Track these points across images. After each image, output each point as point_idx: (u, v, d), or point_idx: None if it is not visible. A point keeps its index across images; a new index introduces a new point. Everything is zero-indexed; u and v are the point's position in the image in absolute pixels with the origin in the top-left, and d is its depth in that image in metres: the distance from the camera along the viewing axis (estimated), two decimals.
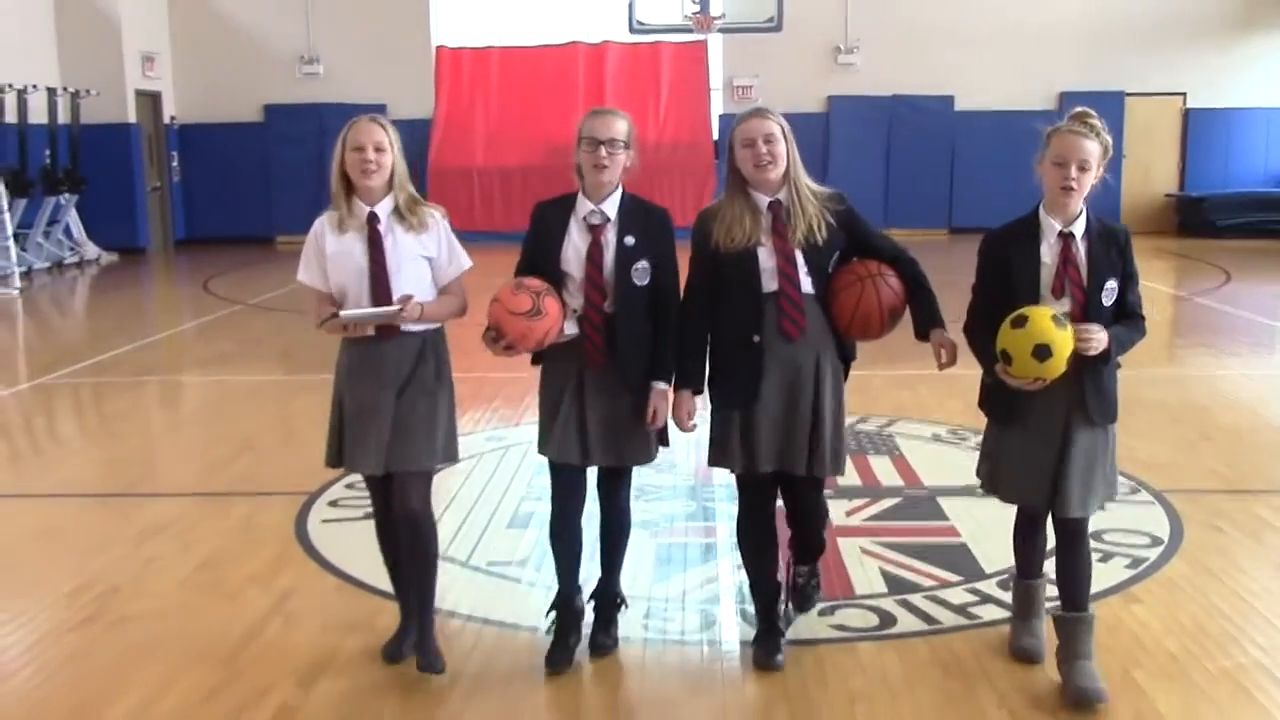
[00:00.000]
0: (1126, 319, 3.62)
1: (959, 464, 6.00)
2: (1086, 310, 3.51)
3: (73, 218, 17.32)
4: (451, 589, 4.47)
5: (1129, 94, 18.98)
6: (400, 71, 19.78)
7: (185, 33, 19.75)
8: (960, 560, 4.80)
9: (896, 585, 4.50)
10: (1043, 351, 3.37)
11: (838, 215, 3.75)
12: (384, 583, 4.18)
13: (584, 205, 3.79)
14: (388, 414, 3.74)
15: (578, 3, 20.04)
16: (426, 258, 3.81)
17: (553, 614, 3.97)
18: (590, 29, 19.90)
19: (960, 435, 6.63)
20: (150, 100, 19.21)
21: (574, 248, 3.76)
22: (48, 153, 16.72)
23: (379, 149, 3.74)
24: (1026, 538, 3.88)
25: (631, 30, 16.70)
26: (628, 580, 4.21)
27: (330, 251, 3.78)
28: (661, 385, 3.81)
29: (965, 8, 19.16)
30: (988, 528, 5.06)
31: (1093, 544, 3.91)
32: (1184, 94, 19.43)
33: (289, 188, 19.76)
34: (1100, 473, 3.63)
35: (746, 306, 3.71)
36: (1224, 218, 18.48)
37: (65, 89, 17.28)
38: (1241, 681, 3.73)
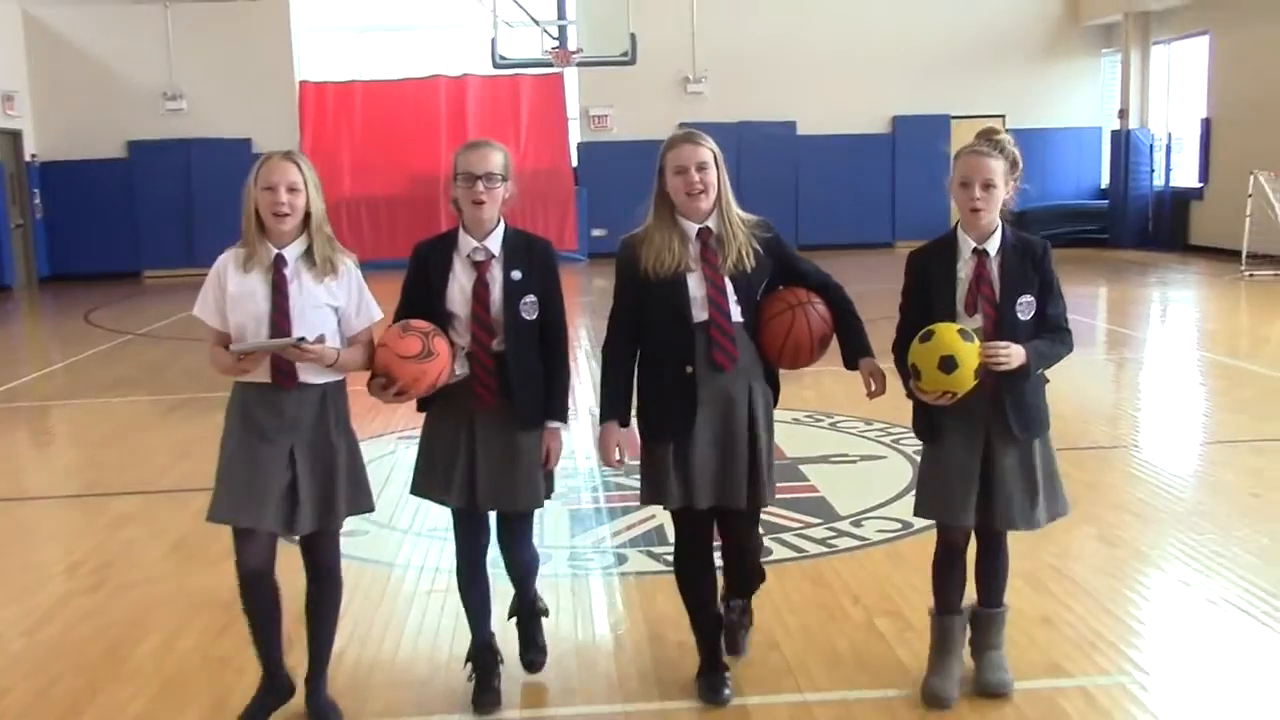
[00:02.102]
0: (1049, 332, 3.61)
1: (816, 439, 7.12)
2: (999, 326, 3.52)
3: None
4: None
5: (954, 116, 20.57)
6: (264, 105, 20.22)
7: (44, 70, 19.88)
8: (819, 508, 5.82)
9: (771, 528, 5.45)
10: (948, 363, 3.39)
11: (765, 243, 3.70)
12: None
13: (467, 242, 3.70)
14: (279, 468, 3.57)
15: (442, 40, 20.86)
16: (333, 306, 3.65)
17: (469, 664, 3.89)
18: (454, 65, 20.72)
19: (816, 418, 7.70)
20: (11, 138, 19.30)
21: (459, 286, 3.68)
22: None
23: (292, 189, 3.57)
24: (946, 569, 3.78)
25: (495, 65, 17.51)
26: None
27: (231, 290, 3.61)
28: (554, 424, 3.76)
29: (803, 39, 20.48)
30: (839, 485, 6.18)
31: None
32: (1004, 115, 21.05)
33: (155, 223, 20.07)
34: (1037, 487, 3.63)
35: (677, 336, 3.63)
36: (1043, 229, 20.11)
37: None
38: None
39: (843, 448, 7.04)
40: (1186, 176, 19.49)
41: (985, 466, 3.60)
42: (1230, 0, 17.54)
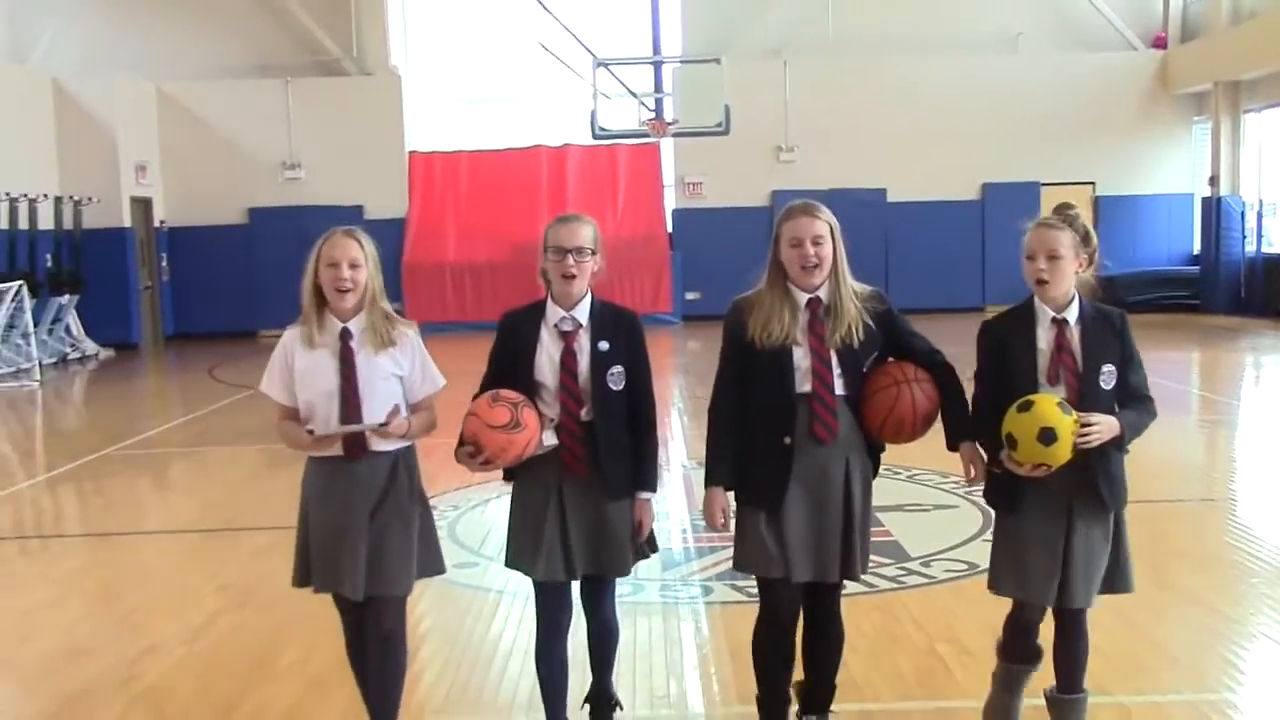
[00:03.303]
0: (1134, 402, 3.58)
1: (893, 489, 7.58)
2: (1082, 395, 3.49)
3: (73, 316, 18.57)
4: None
5: (1043, 184, 20.86)
6: (376, 175, 21.33)
7: (174, 142, 21.19)
8: (892, 550, 6.27)
9: None
10: (1048, 435, 3.34)
11: (877, 316, 3.67)
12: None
13: (555, 312, 3.73)
14: (361, 537, 3.66)
15: (545, 111, 21.83)
16: (398, 376, 3.74)
17: None
18: (555, 135, 21.66)
19: (895, 471, 8.13)
20: (142, 206, 20.59)
21: (547, 356, 3.69)
22: (49, 256, 18.02)
23: (354, 265, 3.67)
24: (1020, 637, 3.75)
25: (594, 136, 18.33)
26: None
27: (299, 368, 3.69)
28: (645, 495, 3.76)
29: (894, 109, 21.02)
30: (912, 531, 6.63)
31: None
32: (1093, 183, 21.36)
33: (271, 285, 21.09)
34: (1110, 561, 3.59)
35: (778, 406, 3.61)
36: (1133, 294, 20.23)
37: (70, 198, 18.64)
38: None
39: (918, 498, 7.49)
40: (1279, 243, 19.54)
41: (1065, 541, 3.52)
42: None
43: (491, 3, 21.40)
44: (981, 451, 3.64)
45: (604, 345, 3.70)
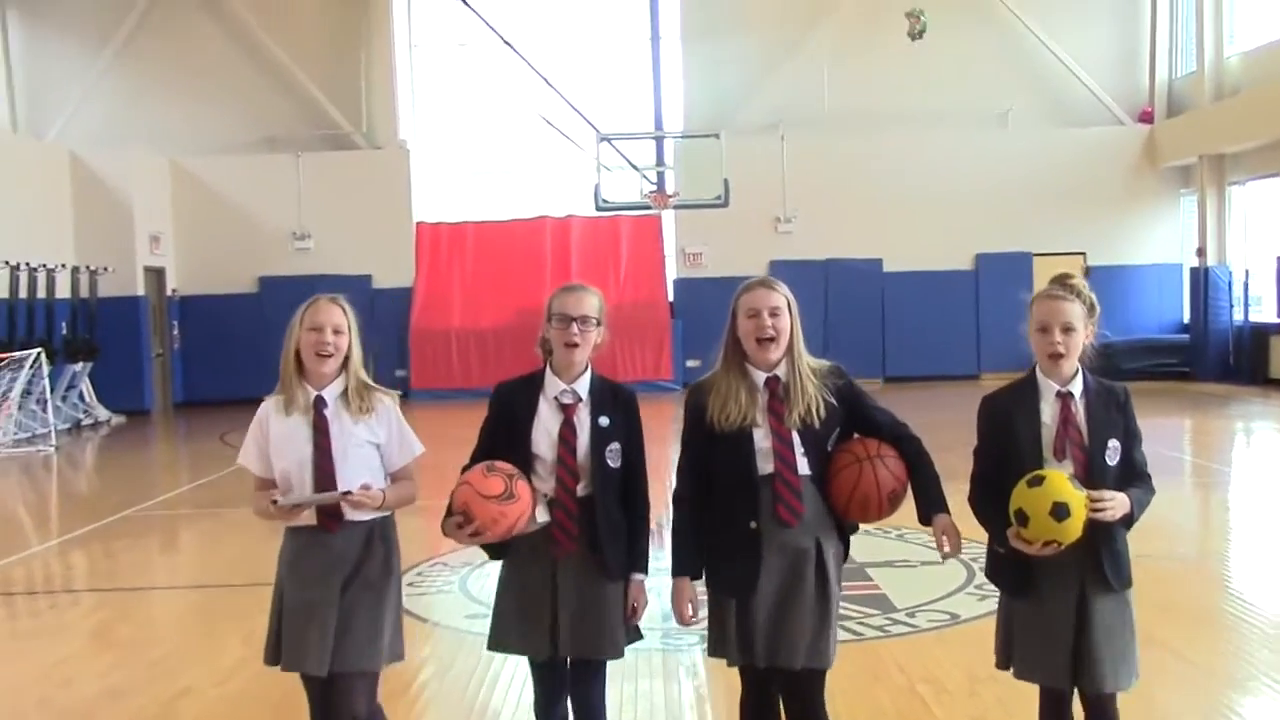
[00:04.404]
0: (1137, 479, 3.53)
1: (882, 546, 7.93)
2: (1089, 471, 3.43)
3: (86, 383, 18.98)
4: None
5: (1035, 254, 21.35)
6: (384, 245, 21.84)
7: (187, 213, 21.70)
8: (879, 602, 6.64)
9: None
10: (1061, 511, 3.27)
11: (838, 391, 3.62)
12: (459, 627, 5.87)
13: (554, 384, 3.68)
14: (331, 610, 3.59)
15: (550, 185, 22.44)
16: (375, 444, 3.70)
17: None
18: (559, 206, 22.25)
19: (885, 530, 8.46)
20: (155, 275, 21.09)
21: (544, 429, 3.64)
22: (65, 324, 18.49)
23: (337, 331, 3.67)
24: (1055, 718, 3.61)
25: (597, 208, 18.87)
26: None
27: (274, 436, 3.67)
28: (639, 577, 3.71)
29: (889, 182, 21.54)
30: (899, 584, 6.99)
31: None
32: (1084, 253, 21.82)
33: (280, 353, 21.53)
34: (1126, 643, 3.50)
35: (741, 490, 3.54)
36: (1125, 362, 20.60)
37: (87, 267, 19.15)
38: None
39: (905, 554, 7.85)
40: (1267, 312, 19.98)
41: (1081, 622, 3.45)
42: None
43: (498, 78, 22.06)
44: (964, 529, 3.54)
45: (604, 421, 3.67)
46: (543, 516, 3.58)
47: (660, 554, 3.74)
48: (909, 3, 19.19)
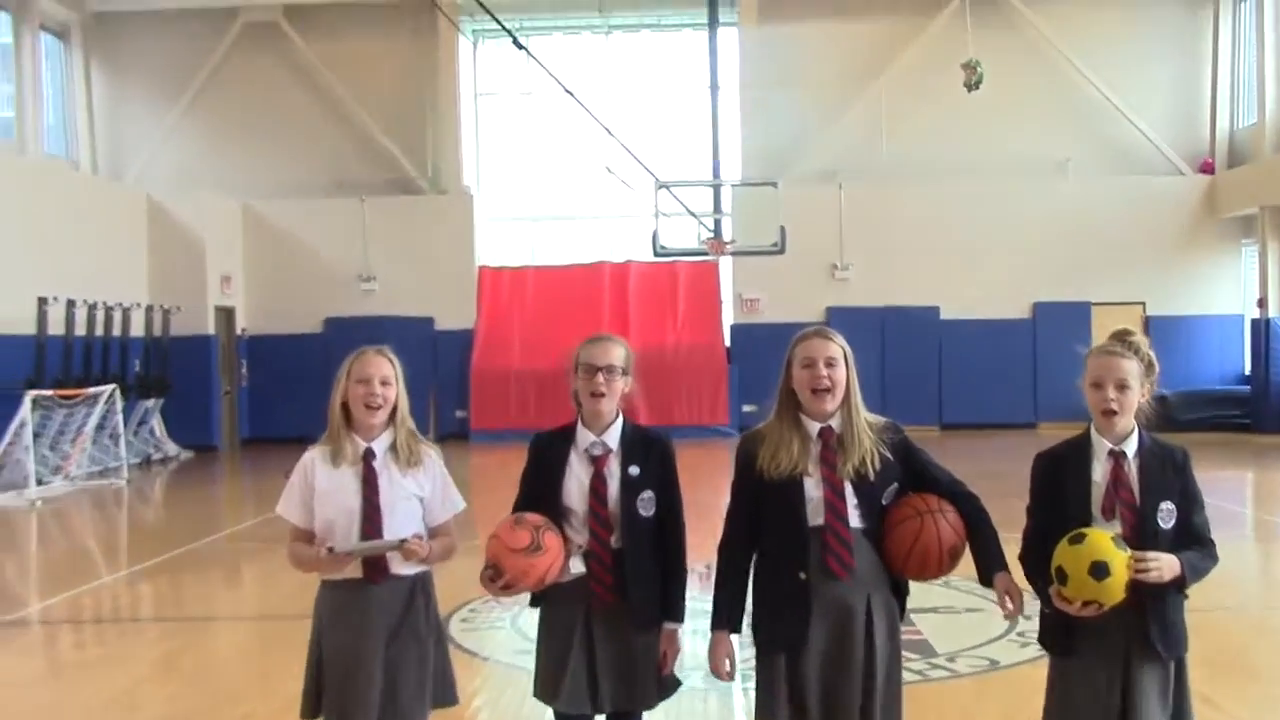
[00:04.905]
0: (1195, 545, 3.40)
1: (928, 593, 7.92)
2: (1139, 533, 3.34)
3: (157, 419, 19.53)
4: None
5: (1094, 303, 21.32)
6: (447, 287, 22.27)
7: (257, 255, 22.28)
8: (921, 647, 6.75)
9: None
10: (1100, 570, 3.19)
11: (894, 446, 3.57)
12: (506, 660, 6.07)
13: (585, 436, 3.69)
14: (377, 663, 3.60)
15: (609, 231, 22.82)
16: (419, 497, 3.72)
17: None
18: (618, 252, 22.61)
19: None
20: (225, 314, 21.66)
21: (576, 481, 3.65)
22: (138, 361, 19.08)
23: (385, 382, 3.66)
24: None
25: (656, 254, 19.11)
26: None
27: (321, 487, 3.67)
28: (672, 626, 3.67)
29: (947, 230, 21.65)
30: (941, 630, 7.10)
31: None
32: (1143, 303, 21.75)
33: None
34: (1180, 713, 3.39)
35: (791, 540, 3.48)
36: (1185, 413, 20.45)
37: (160, 306, 19.76)
38: None
39: (950, 601, 7.94)
40: None
41: (1124, 690, 3.34)
42: None
43: (560, 126, 22.50)
44: (1023, 586, 3.48)
45: (634, 470, 3.65)
46: (577, 568, 3.59)
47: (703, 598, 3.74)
48: (965, 54, 19.35)
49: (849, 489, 3.49)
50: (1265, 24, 20.19)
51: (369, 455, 3.67)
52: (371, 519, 3.63)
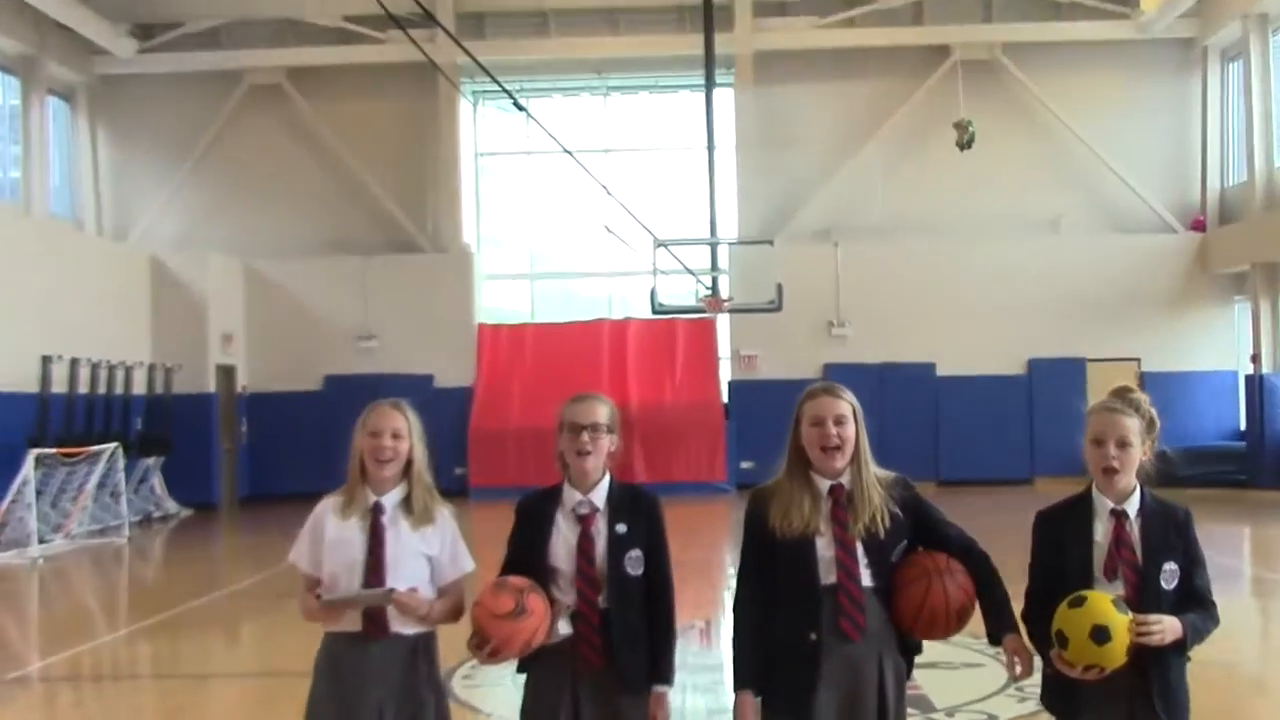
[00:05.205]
0: (1197, 606, 3.35)
1: (927, 648, 8.05)
2: (1141, 594, 3.30)
3: (157, 477, 19.60)
4: None
5: (1089, 359, 21.48)
6: (446, 345, 22.39)
7: (258, 313, 22.39)
8: (919, 703, 6.79)
9: None
10: (1101, 634, 3.16)
11: (903, 502, 3.55)
12: None
13: (571, 495, 3.65)
14: None
15: (608, 288, 23.03)
16: (428, 555, 3.67)
17: None
18: (617, 309, 22.83)
19: None
20: (226, 372, 21.78)
21: (563, 541, 3.60)
22: (139, 419, 19.19)
23: (396, 435, 3.65)
24: None
25: (654, 311, 19.29)
26: None
27: (329, 537, 3.66)
28: (661, 688, 3.59)
29: (942, 287, 21.85)
30: (940, 685, 7.13)
31: None
32: (1138, 359, 21.89)
33: (345, 449, 21.70)
34: None
35: (802, 600, 3.43)
36: (1183, 469, 20.51)
37: (162, 365, 19.90)
38: None
39: (949, 656, 7.97)
40: None
41: None
42: None
43: (559, 186, 22.78)
44: (1032, 648, 3.45)
45: (621, 528, 3.60)
46: (565, 629, 3.53)
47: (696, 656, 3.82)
48: (958, 113, 19.66)
49: (860, 547, 3.47)
50: (1253, 84, 20.52)
51: (378, 509, 3.66)
52: (374, 573, 3.59)
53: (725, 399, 22.28)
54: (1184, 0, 20.64)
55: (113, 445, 16.75)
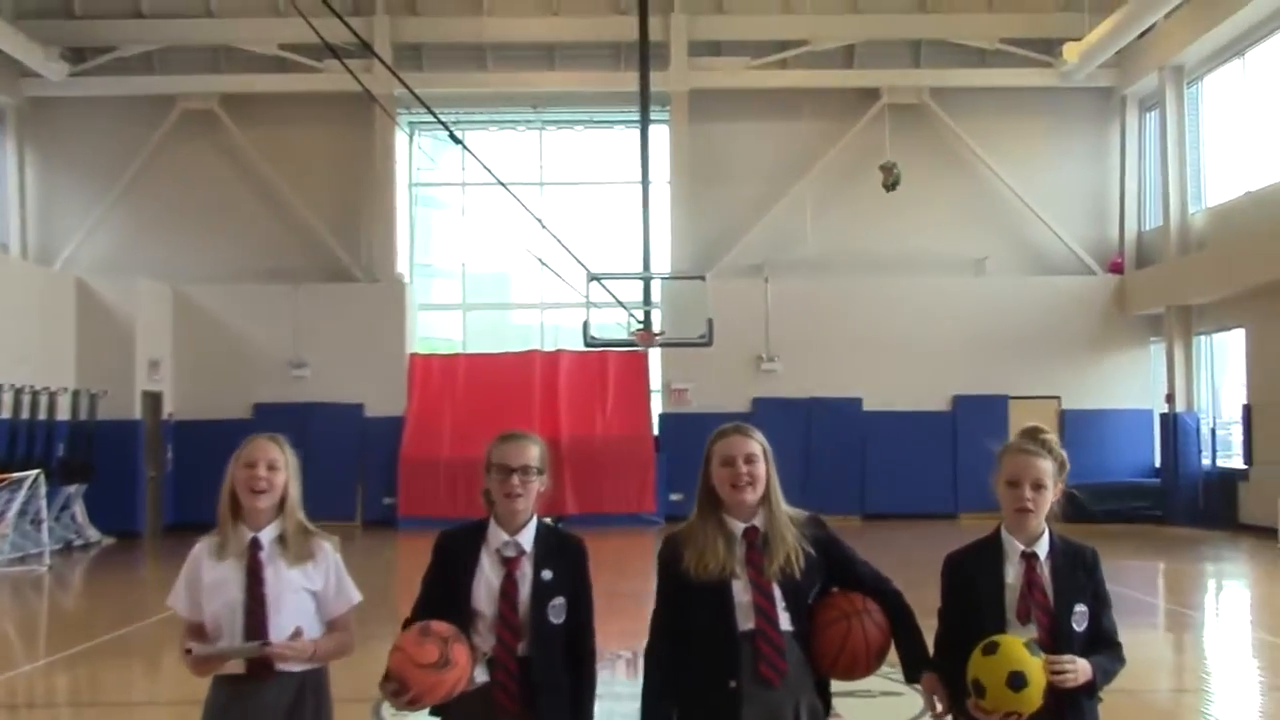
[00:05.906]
0: (1106, 646, 3.39)
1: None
2: (1055, 636, 3.32)
3: (79, 504, 19.30)
4: None
5: (1011, 397, 21.98)
6: (377, 374, 22.33)
7: (186, 339, 22.17)
8: None
9: None
10: (1017, 680, 3.16)
11: (817, 542, 3.52)
12: None
13: (497, 535, 3.55)
14: None
15: (539, 322, 23.13)
16: (311, 591, 3.58)
17: None
18: (549, 341, 22.93)
19: None
20: (152, 399, 21.52)
21: (486, 583, 3.49)
22: (62, 446, 18.90)
23: (271, 467, 3.56)
24: None
25: (586, 344, 19.42)
26: None
27: (206, 580, 3.54)
28: None
29: (870, 324, 22.25)
30: (860, 714, 7.32)
31: None
32: (1058, 397, 22.43)
33: None
34: None
35: (720, 646, 3.39)
36: (1098, 504, 21.01)
37: (87, 391, 19.64)
38: None
39: (867, 685, 8.12)
40: (1237, 458, 20.48)
41: None
42: (1262, 300, 18.77)
43: (493, 218, 22.89)
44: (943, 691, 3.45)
45: (547, 574, 3.51)
46: (481, 676, 3.43)
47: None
48: (886, 155, 20.11)
49: (777, 590, 3.44)
50: (1169, 133, 21.24)
51: (255, 545, 3.57)
52: (255, 613, 3.50)
53: (656, 431, 22.44)
54: (1104, 51, 21.32)
55: (34, 472, 16.50)
